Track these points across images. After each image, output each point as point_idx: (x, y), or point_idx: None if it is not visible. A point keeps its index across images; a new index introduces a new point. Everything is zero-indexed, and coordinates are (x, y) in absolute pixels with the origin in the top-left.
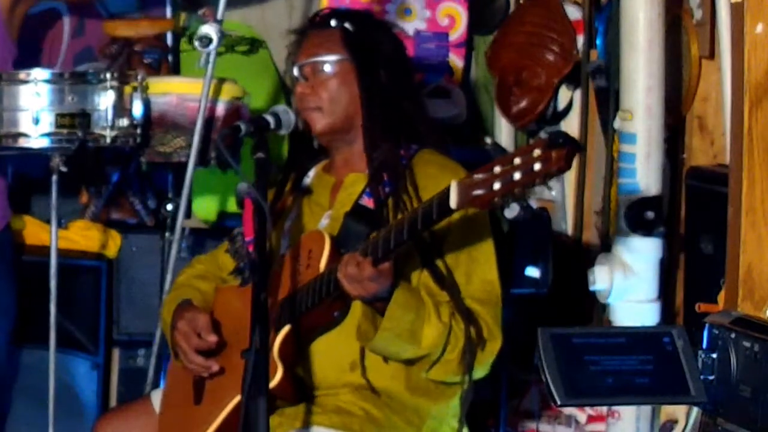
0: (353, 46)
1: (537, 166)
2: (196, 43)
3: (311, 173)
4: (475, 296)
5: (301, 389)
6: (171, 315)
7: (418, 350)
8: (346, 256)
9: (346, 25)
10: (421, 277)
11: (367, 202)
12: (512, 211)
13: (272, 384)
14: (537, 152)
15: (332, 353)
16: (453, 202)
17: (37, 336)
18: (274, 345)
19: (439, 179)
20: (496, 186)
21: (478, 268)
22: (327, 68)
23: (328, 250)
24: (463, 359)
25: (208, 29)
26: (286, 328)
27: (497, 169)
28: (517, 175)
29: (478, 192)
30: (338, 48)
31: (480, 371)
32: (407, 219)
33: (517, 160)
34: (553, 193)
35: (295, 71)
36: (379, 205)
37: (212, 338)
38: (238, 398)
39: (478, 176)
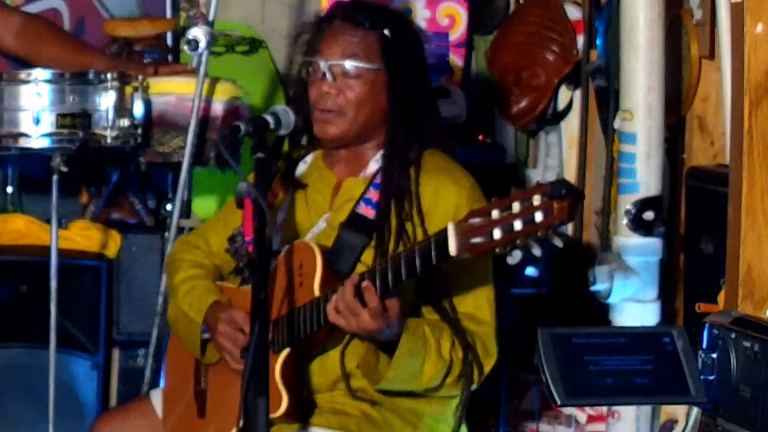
0: (391, 56)
1: (538, 217)
2: (185, 47)
3: (308, 159)
4: (472, 315)
5: (304, 409)
6: (198, 313)
7: (418, 386)
8: (333, 298)
9: (386, 31)
10: (421, 306)
11: (365, 210)
12: (514, 258)
13: (278, 413)
14: (537, 200)
15: (326, 360)
16: (452, 248)
17: (37, 336)
18: (275, 370)
19: (440, 192)
20: (497, 235)
21: (475, 286)
22: (360, 73)
23: (321, 271)
24: (460, 382)
25: (197, 32)
26: (286, 351)
27: (495, 213)
28: (517, 225)
29: (478, 240)
30: (376, 56)
31: (474, 386)
32: (404, 258)
33: (516, 206)
34: None
35: (323, 66)
36: (380, 213)
37: None
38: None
39: (476, 220)
